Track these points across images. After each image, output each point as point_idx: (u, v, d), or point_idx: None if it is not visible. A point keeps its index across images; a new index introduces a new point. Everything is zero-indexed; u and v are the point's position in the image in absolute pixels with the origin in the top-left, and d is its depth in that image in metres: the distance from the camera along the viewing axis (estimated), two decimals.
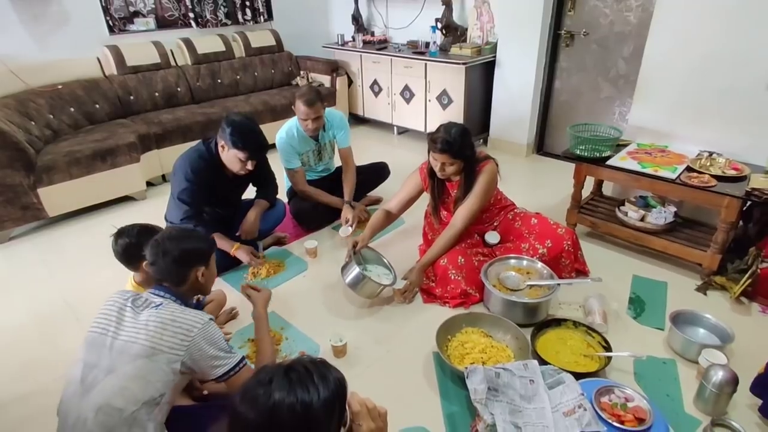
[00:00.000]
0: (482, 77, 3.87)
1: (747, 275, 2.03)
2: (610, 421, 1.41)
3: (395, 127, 4.58)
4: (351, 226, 2.63)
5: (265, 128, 3.78)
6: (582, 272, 2.28)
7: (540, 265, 2.13)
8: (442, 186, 2.29)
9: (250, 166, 2.19)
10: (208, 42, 4.20)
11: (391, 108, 4.45)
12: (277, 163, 2.71)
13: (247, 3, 4.48)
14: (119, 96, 3.67)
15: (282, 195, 2.75)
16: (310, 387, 0.88)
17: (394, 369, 1.83)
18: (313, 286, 2.34)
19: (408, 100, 4.26)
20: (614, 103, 3.46)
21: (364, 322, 2.09)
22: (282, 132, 2.72)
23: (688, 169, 2.28)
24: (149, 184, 3.50)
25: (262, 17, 4.64)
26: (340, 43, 4.70)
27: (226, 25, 4.44)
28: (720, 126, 2.41)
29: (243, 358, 1.36)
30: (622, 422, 1.41)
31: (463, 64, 3.64)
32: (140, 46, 3.86)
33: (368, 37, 4.61)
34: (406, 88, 4.22)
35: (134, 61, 3.77)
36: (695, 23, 2.36)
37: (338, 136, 2.87)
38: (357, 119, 4.85)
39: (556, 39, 3.58)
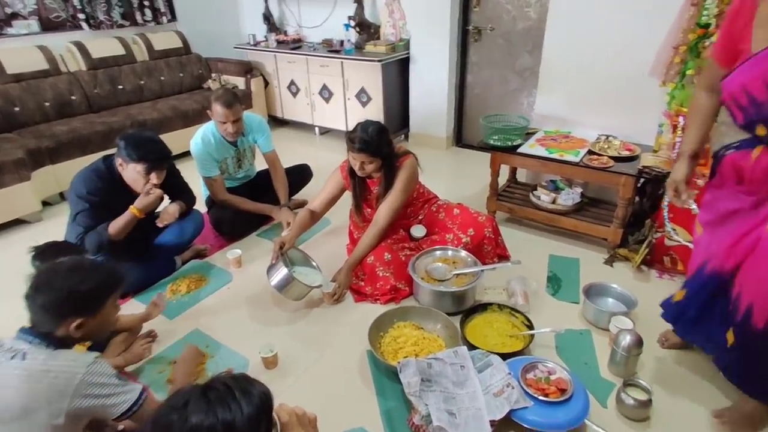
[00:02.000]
0: (399, 74, 3.92)
1: (644, 245, 2.24)
2: (535, 395, 1.48)
3: (317, 128, 4.51)
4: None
5: (177, 135, 3.65)
6: (503, 257, 2.38)
7: (464, 253, 2.19)
8: (363, 184, 2.29)
9: (154, 179, 2.01)
10: (103, 45, 3.86)
11: (310, 108, 4.37)
12: (192, 171, 2.55)
13: (146, 3, 4.18)
14: (0, 108, 3.27)
15: (200, 205, 2.60)
16: (232, 405, 0.83)
17: (329, 373, 1.79)
18: (239, 297, 2.24)
19: (327, 100, 4.22)
20: (522, 94, 3.66)
21: (295, 328, 2.04)
22: (197, 138, 2.55)
23: (589, 152, 2.46)
24: (45, 203, 3.16)
25: (164, 18, 4.35)
26: (252, 43, 4.54)
27: (123, 26, 4.11)
28: (613, 111, 2.63)
29: (143, 390, 1.20)
30: (546, 395, 1.49)
31: (379, 61, 3.67)
32: (22, 51, 3.46)
33: (282, 37, 4.49)
34: (325, 87, 4.17)
35: (16, 68, 3.38)
36: (585, 17, 2.56)
37: (259, 140, 2.76)
38: (276, 121, 4.72)
39: (465, 35, 3.71)
